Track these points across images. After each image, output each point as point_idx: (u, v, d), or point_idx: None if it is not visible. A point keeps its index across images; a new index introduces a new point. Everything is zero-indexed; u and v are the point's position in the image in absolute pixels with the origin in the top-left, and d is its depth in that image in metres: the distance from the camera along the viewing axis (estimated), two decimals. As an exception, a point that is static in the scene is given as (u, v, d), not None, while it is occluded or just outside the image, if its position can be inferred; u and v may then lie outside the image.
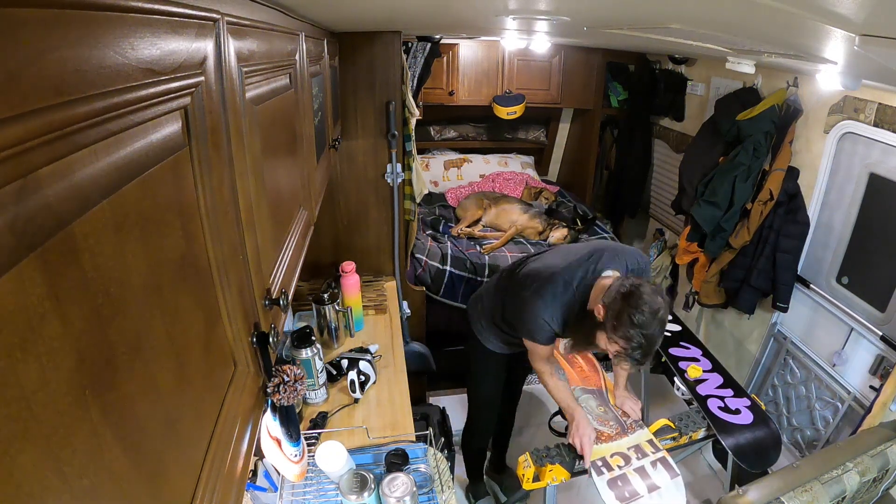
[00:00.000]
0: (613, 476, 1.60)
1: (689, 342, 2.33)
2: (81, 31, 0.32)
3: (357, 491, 1.26)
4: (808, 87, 2.25)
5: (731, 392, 2.01)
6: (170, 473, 0.45)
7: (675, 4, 0.92)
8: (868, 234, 2.14)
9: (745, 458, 1.79)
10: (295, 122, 1.10)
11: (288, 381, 0.80)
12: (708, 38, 1.49)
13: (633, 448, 1.69)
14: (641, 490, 1.57)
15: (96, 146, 0.33)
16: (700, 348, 2.29)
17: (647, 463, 1.65)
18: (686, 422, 1.87)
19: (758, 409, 1.92)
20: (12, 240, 0.25)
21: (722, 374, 2.12)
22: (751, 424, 1.86)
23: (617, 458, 1.65)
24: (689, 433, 1.85)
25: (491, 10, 1.35)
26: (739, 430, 1.84)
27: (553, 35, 2.59)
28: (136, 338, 0.39)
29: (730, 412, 1.90)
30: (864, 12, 0.59)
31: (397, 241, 2.48)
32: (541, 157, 4.44)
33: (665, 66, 3.39)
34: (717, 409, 1.91)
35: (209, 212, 0.55)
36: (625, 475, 1.60)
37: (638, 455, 1.67)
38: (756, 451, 1.81)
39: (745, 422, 1.87)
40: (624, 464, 1.63)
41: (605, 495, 1.55)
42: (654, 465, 1.64)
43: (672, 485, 1.60)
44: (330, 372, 1.77)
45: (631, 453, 1.67)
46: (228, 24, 0.61)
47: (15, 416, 0.25)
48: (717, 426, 1.84)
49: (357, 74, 2.16)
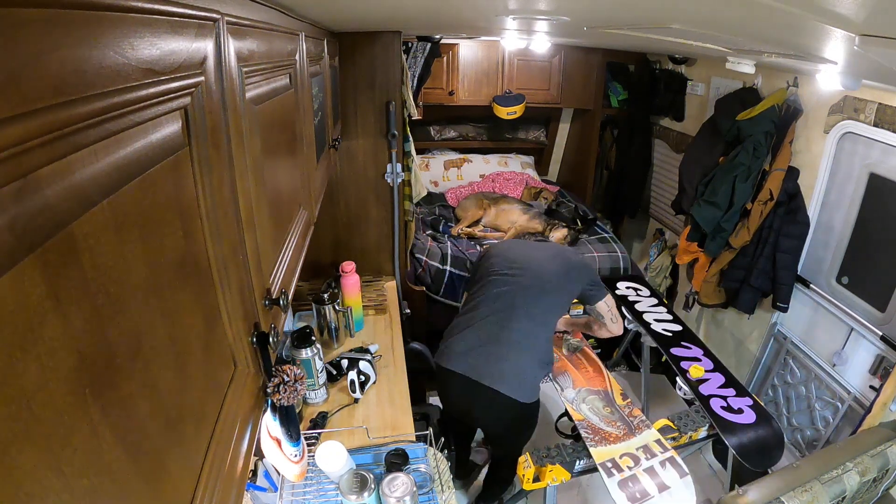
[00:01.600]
0: (624, 477, 1.60)
1: (691, 342, 2.33)
2: (81, 31, 0.32)
3: (357, 491, 1.26)
4: (808, 87, 2.25)
5: (734, 392, 2.01)
6: (170, 473, 0.45)
7: (675, 4, 0.92)
8: (868, 234, 2.14)
9: (748, 457, 1.79)
10: (295, 122, 1.10)
11: (288, 381, 0.80)
12: (708, 38, 1.49)
13: (642, 448, 1.70)
14: (652, 490, 1.58)
15: (96, 146, 0.33)
16: (701, 348, 2.29)
17: (655, 463, 1.65)
18: (686, 421, 1.87)
19: (760, 409, 1.92)
20: (12, 240, 0.25)
21: (724, 373, 2.13)
22: (754, 423, 1.86)
23: (626, 458, 1.66)
24: (689, 433, 1.84)
25: (491, 10, 1.35)
26: (742, 429, 1.84)
27: (553, 35, 2.58)
28: (136, 338, 0.39)
29: (732, 412, 1.90)
30: (864, 12, 0.59)
31: (397, 241, 2.48)
32: (541, 157, 4.44)
33: (665, 66, 3.38)
34: (720, 409, 1.91)
35: (209, 212, 0.55)
36: (635, 476, 1.61)
37: (647, 455, 1.67)
38: (759, 449, 1.81)
39: (748, 421, 1.87)
40: (633, 464, 1.64)
41: (616, 496, 1.55)
42: (664, 464, 1.65)
43: (682, 484, 1.60)
44: (330, 372, 1.77)
45: (640, 454, 1.67)
46: (228, 24, 0.61)
47: (15, 416, 0.25)
48: (721, 426, 1.84)
49: (357, 74, 2.16)
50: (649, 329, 2.47)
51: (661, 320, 2.54)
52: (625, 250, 3.17)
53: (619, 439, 1.72)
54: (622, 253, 3.12)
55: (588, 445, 1.70)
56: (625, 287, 2.85)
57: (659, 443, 1.72)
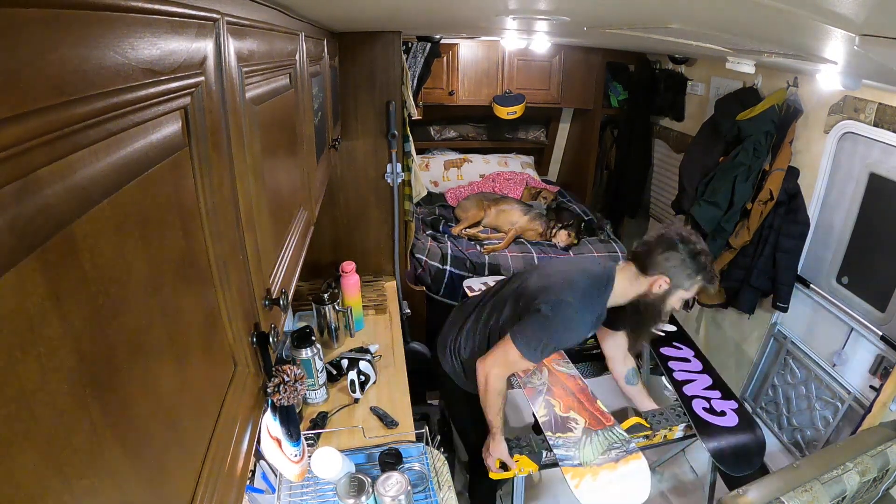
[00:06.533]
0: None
1: (683, 342, 2.30)
2: (81, 31, 0.32)
3: (354, 495, 1.26)
4: (808, 86, 2.25)
5: (720, 394, 1.97)
6: (170, 473, 0.45)
7: (675, 4, 0.92)
8: (868, 234, 2.14)
9: (724, 461, 1.75)
10: (295, 122, 1.10)
11: (288, 381, 0.80)
12: (708, 38, 1.49)
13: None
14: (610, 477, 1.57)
15: (96, 146, 0.33)
16: (692, 349, 2.26)
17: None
18: (659, 419, 1.83)
19: (744, 413, 1.89)
20: (12, 240, 0.25)
21: (712, 375, 2.08)
22: (734, 427, 1.81)
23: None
24: (662, 431, 1.80)
25: (491, 10, 1.36)
26: (721, 432, 1.80)
27: (553, 35, 2.59)
28: (137, 338, 0.39)
29: (714, 414, 1.86)
30: (864, 12, 0.59)
31: (397, 241, 2.48)
32: (541, 157, 4.44)
33: (665, 66, 3.38)
34: (702, 410, 1.87)
35: (209, 212, 0.55)
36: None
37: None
38: (736, 454, 1.76)
39: (730, 424, 1.82)
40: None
41: (579, 495, 1.54)
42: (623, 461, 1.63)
43: (636, 468, 1.58)
44: (330, 372, 1.77)
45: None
46: (228, 24, 0.61)
47: (15, 416, 0.25)
48: (699, 427, 1.80)
49: (357, 74, 2.16)
50: None
51: None
52: (625, 250, 3.17)
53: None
54: (622, 253, 3.12)
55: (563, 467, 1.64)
56: None
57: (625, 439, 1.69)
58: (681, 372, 2.10)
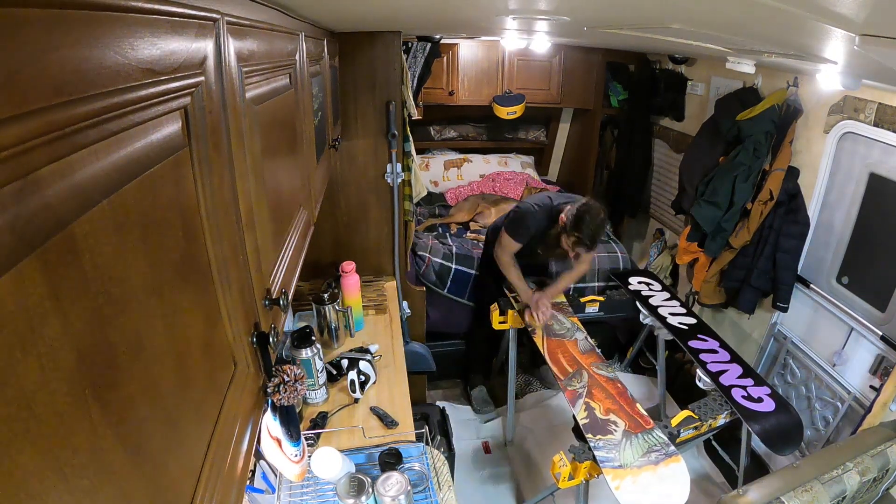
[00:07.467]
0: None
1: (707, 335, 2.41)
2: (81, 31, 0.32)
3: (354, 495, 1.26)
4: (808, 86, 2.25)
5: (752, 381, 2.09)
6: (170, 473, 0.45)
7: (675, 4, 0.92)
8: (868, 234, 2.14)
9: (772, 443, 1.88)
10: (295, 122, 1.10)
11: (288, 381, 0.80)
12: (708, 38, 1.49)
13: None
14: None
15: (96, 146, 0.33)
16: (717, 340, 2.36)
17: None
18: (705, 409, 1.94)
19: (778, 397, 2.00)
20: (12, 240, 0.25)
21: (741, 364, 2.20)
22: (774, 411, 1.94)
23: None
24: (708, 420, 1.91)
25: (491, 10, 1.36)
26: (764, 416, 1.92)
27: (553, 35, 2.59)
28: (137, 337, 0.39)
29: (753, 400, 1.98)
30: (864, 12, 0.59)
31: (397, 240, 2.48)
32: (541, 157, 4.44)
33: (665, 66, 3.38)
34: (741, 398, 1.99)
35: (209, 212, 0.55)
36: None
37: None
38: (781, 435, 1.89)
39: (769, 409, 1.95)
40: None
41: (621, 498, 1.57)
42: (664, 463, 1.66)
43: (676, 471, 1.62)
44: (330, 372, 1.77)
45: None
46: (228, 24, 0.61)
47: (15, 416, 0.25)
48: (743, 414, 1.91)
49: (357, 74, 2.15)
50: (665, 323, 2.51)
51: (675, 314, 2.58)
52: (625, 250, 3.17)
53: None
54: (622, 253, 3.12)
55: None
56: (637, 282, 2.88)
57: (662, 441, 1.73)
58: (713, 364, 2.21)
